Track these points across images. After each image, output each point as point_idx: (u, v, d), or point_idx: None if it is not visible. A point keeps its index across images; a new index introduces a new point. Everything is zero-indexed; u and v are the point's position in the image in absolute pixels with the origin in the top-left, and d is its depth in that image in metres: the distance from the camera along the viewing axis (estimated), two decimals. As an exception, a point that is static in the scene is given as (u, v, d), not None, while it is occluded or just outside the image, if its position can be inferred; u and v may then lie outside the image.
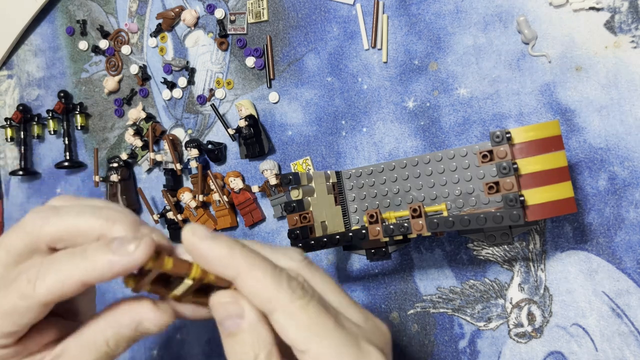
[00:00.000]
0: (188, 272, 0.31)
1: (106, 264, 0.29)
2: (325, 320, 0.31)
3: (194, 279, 0.31)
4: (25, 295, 0.30)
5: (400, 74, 0.56)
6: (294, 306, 0.31)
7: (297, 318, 0.31)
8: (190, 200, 0.64)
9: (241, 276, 0.31)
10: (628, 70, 0.47)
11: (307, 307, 0.31)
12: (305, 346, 0.30)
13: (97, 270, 0.29)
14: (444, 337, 0.53)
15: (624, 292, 0.47)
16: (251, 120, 0.60)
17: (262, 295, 0.31)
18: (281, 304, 0.31)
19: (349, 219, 0.54)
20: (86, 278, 0.30)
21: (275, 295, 0.31)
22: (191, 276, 0.31)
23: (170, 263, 0.30)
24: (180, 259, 0.31)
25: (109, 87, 0.71)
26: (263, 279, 0.31)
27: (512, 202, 0.41)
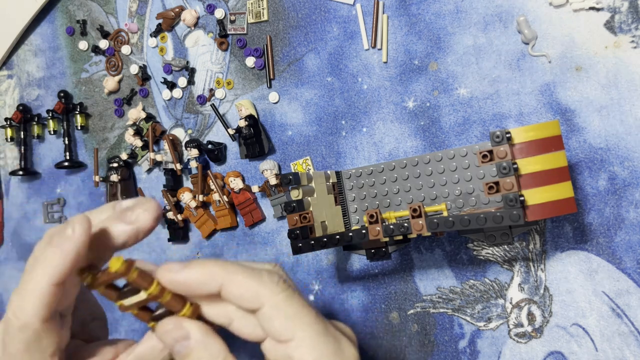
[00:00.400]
0: (147, 286, 0.33)
1: (56, 257, 0.31)
2: (307, 311, 0.34)
3: (149, 295, 0.33)
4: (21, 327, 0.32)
5: (400, 74, 0.56)
6: (279, 298, 0.33)
7: (283, 309, 0.33)
8: (190, 200, 0.64)
9: (224, 286, 0.33)
10: (628, 70, 0.47)
11: (291, 299, 0.34)
12: (290, 334, 0.33)
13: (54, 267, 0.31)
14: (444, 337, 0.53)
15: (624, 292, 0.47)
16: (251, 120, 0.60)
17: (248, 296, 0.33)
18: (267, 297, 0.33)
19: (349, 219, 0.54)
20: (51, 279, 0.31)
21: (260, 291, 0.33)
22: (148, 291, 0.33)
23: (135, 274, 0.32)
24: (146, 272, 0.33)
25: (109, 87, 0.71)
26: (244, 281, 0.33)
27: (512, 202, 0.41)
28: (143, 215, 0.34)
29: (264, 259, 0.62)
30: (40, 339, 0.32)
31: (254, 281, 0.33)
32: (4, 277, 0.80)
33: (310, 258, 0.60)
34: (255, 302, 0.33)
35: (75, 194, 0.75)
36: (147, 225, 0.34)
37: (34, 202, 0.78)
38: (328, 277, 0.59)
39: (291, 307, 0.33)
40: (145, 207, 0.34)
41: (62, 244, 0.31)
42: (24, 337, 0.32)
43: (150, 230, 0.34)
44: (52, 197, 0.77)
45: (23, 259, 0.79)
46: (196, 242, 0.67)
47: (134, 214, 0.34)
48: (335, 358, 0.34)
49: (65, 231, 0.31)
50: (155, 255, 0.69)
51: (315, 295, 0.60)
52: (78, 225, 0.31)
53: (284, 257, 0.61)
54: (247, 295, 0.33)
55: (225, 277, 0.33)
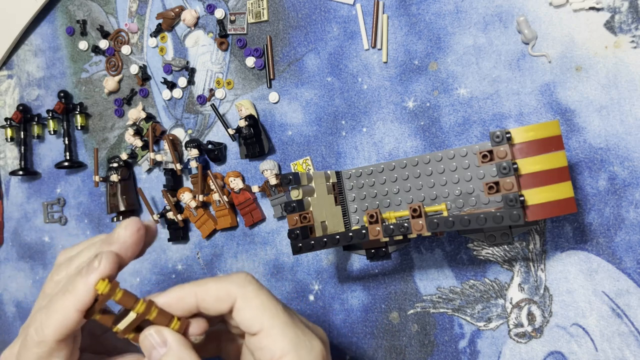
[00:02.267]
0: (134, 305, 0.36)
1: (83, 286, 0.35)
2: (275, 304, 0.37)
3: (138, 313, 0.36)
4: (39, 343, 0.35)
5: (400, 74, 0.56)
6: (248, 290, 0.37)
7: (252, 300, 0.37)
8: (190, 200, 0.64)
9: (198, 296, 0.37)
10: (628, 70, 0.47)
11: (259, 292, 0.37)
12: (259, 325, 0.36)
13: (81, 296, 0.35)
14: (444, 337, 0.53)
15: (624, 292, 0.47)
16: (251, 120, 0.60)
17: (221, 295, 0.37)
18: (239, 291, 0.37)
19: (349, 219, 0.54)
20: (76, 306, 0.35)
21: (231, 287, 0.37)
22: (135, 310, 0.36)
23: (120, 294, 0.35)
24: (130, 293, 0.36)
25: (109, 87, 0.71)
26: (216, 284, 0.37)
27: (512, 202, 0.41)
28: (123, 232, 0.38)
29: (264, 259, 0.62)
30: (51, 357, 0.36)
31: (224, 282, 0.37)
32: (4, 277, 0.80)
33: (310, 258, 0.60)
34: (229, 300, 0.37)
35: (75, 194, 0.75)
36: (130, 239, 0.38)
37: (34, 202, 0.78)
38: (328, 277, 0.59)
39: (259, 298, 0.37)
40: (124, 225, 0.38)
41: (89, 274, 0.35)
42: (37, 352, 0.35)
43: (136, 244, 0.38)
44: (52, 197, 0.77)
45: (23, 259, 0.79)
46: (196, 242, 0.67)
47: (115, 234, 0.38)
48: (301, 349, 0.36)
49: (93, 264, 0.35)
50: (156, 255, 0.69)
51: (315, 295, 0.60)
52: (105, 259, 0.35)
53: (284, 257, 0.61)
54: (220, 295, 0.37)
55: (197, 289, 0.37)
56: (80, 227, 0.74)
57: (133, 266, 0.70)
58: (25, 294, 0.78)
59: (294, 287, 0.61)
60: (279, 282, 0.61)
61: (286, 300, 0.61)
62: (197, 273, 0.66)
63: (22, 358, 0.36)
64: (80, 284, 0.35)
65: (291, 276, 0.61)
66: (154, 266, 0.69)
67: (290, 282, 0.61)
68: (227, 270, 0.64)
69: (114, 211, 0.69)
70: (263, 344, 0.37)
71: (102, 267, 0.35)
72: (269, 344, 0.36)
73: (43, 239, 0.77)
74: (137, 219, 0.39)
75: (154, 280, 0.69)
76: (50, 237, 0.77)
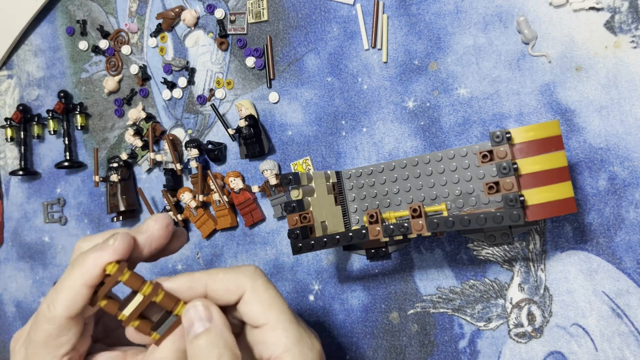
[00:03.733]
0: (141, 286, 0.36)
1: (93, 261, 0.35)
2: (281, 301, 0.38)
3: (144, 295, 0.36)
4: (49, 318, 0.35)
5: (400, 74, 0.56)
6: (257, 284, 0.37)
7: (261, 294, 0.37)
8: (190, 200, 0.64)
9: (208, 285, 0.37)
10: (628, 70, 0.47)
11: (268, 287, 0.38)
12: (264, 319, 0.37)
13: (89, 270, 0.35)
14: (444, 337, 0.53)
15: (624, 292, 0.47)
16: (251, 120, 0.60)
17: (231, 286, 0.37)
18: (248, 284, 0.37)
19: (349, 219, 0.54)
20: (84, 280, 0.35)
21: (242, 279, 0.37)
22: (142, 291, 0.35)
23: (128, 275, 0.35)
24: (137, 274, 0.36)
25: (109, 87, 0.71)
26: (225, 275, 0.38)
27: (512, 202, 0.41)
28: (153, 224, 0.38)
29: (264, 259, 0.62)
30: (60, 335, 0.35)
31: (234, 273, 0.38)
32: (4, 277, 0.80)
33: (310, 258, 0.60)
34: (238, 291, 0.37)
35: (75, 194, 0.75)
36: (157, 232, 0.38)
37: (34, 202, 0.78)
38: (328, 277, 0.59)
39: (267, 293, 0.37)
40: (155, 218, 0.38)
41: (102, 250, 0.35)
42: (47, 329, 0.35)
43: (163, 237, 0.38)
44: (52, 197, 0.77)
45: (23, 259, 0.79)
46: (196, 242, 0.67)
47: (145, 225, 0.38)
48: (303, 346, 0.37)
49: (108, 241, 0.35)
50: (155, 255, 0.69)
51: (315, 295, 0.60)
52: (120, 238, 0.35)
53: (284, 257, 0.61)
54: (230, 286, 0.37)
55: (207, 278, 0.37)
56: (80, 227, 0.74)
57: (133, 266, 0.70)
58: (25, 294, 0.78)
59: (294, 287, 0.61)
60: (279, 282, 0.61)
61: (286, 300, 0.61)
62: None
63: (32, 334, 0.36)
64: (90, 259, 0.35)
65: (291, 276, 0.61)
66: (154, 266, 0.69)
67: (290, 282, 0.61)
68: (227, 270, 0.64)
69: (114, 211, 0.69)
70: (266, 338, 0.37)
71: (115, 245, 0.35)
72: (272, 339, 0.36)
73: (43, 239, 0.77)
74: (168, 215, 0.39)
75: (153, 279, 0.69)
76: (50, 237, 0.77)
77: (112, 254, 0.35)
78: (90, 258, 0.35)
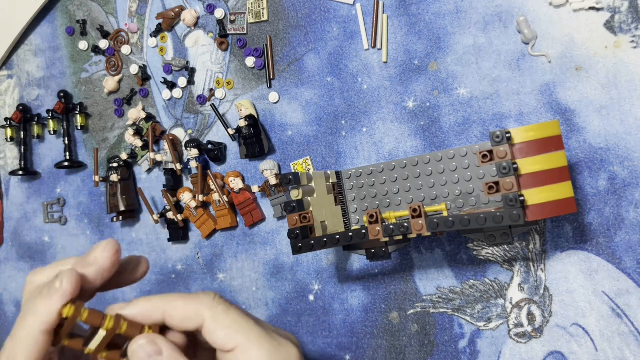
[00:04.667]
0: (102, 322, 0.35)
1: (46, 308, 0.34)
2: (246, 320, 0.37)
3: (107, 330, 0.35)
4: None
5: (400, 74, 0.56)
6: (217, 312, 0.37)
7: (223, 320, 0.36)
8: (190, 200, 0.64)
9: (167, 312, 0.37)
10: (628, 70, 0.47)
11: (228, 311, 0.37)
12: (233, 342, 0.36)
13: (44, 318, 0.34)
14: (444, 337, 0.53)
15: (624, 292, 0.47)
16: (251, 120, 0.60)
17: (189, 315, 0.37)
18: (207, 313, 0.36)
19: (349, 219, 0.54)
20: (41, 328, 0.34)
21: (200, 308, 0.37)
22: (105, 327, 0.35)
23: (86, 314, 0.35)
24: (96, 311, 0.35)
25: (109, 87, 0.71)
26: (184, 303, 0.37)
27: (512, 202, 0.41)
28: (100, 254, 0.37)
29: (264, 259, 0.62)
30: None
31: (193, 302, 0.37)
32: (4, 277, 0.80)
33: (310, 258, 0.60)
34: (197, 320, 0.36)
35: (75, 194, 0.75)
36: (106, 262, 0.37)
37: (34, 202, 0.78)
38: (328, 277, 0.59)
39: (229, 317, 0.37)
40: (102, 246, 0.37)
41: (51, 296, 0.34)
42: None
43: (114, 266, 0.38)
44: (52, 197, 0.77)
45: (23, 259, 0.79)
46: (196, 242, 0.67)
47: (92, 255, 0.37)
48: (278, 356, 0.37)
49: (54, 284, 0.34)
50: (156, 255, 0.69)
51: (315, 295, 0.60)
52: (67, 280, 0.35)
53: (284, 257, 0.61)
54: (189, 315, 0.36)
55: (166, 305, 0.37)
56: (80, 227, 0.74)
57: (133, 266, 0.70)
58: (25, 294, 0.78)
59: (294, 287, 0.61)
60: (279, 282, 0.61)
61: (286, 300, 0.61)
62: (197, 273, 0.66)
63: None
64: (42, 307, 0.34)
65: (291, 276, 0.61)
66: (154, 266, 0.69)
67: (290, 282, 0.61)
68: (227, 270, 0.64)
69: (114, 211, 0.69)
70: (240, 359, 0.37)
71: (63, 289, 0.34)
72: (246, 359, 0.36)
73: (43, 239, 0.77)
74: (115, 241, 0.38)
75: (154, 280, 0.69)
76: (50, 237, 0.77)
77: (62, 298, 0.34)
78: (42, 306, 0.34)
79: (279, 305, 0.61)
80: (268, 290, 0.62)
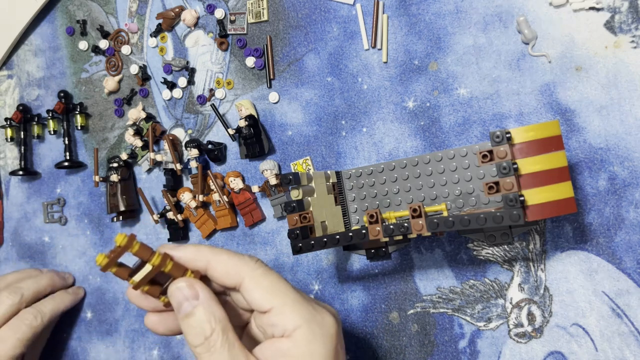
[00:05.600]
0: (150, 257, 0.37)
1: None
2: (284, 284, 0.39)
3: (153, 266, 0.37)
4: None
5: (400, 74, 0.56)
6: (257, 273, 0.38)
7: (261, 282, 0.38)
8: (190, 200, 0.64)
9: (211, 263, 0.39)
10: (628, 70, 0.47)
11: (267, 274, 0.39)
12: (269, 304, 0.37)
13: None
14: (444, 337, 0.53)
15: (624, 292, 0.47)
16: (251, 120, 0.60)
17: (230, 271, 0.38)
18: (247, 272, 0.38)
19: (349, 219, 0.54)
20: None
21: (242, 267, 0.38)
22: (152, 262, 0.37)
23: (137, 246, 0.37)
24: (146, 245, 0.37)
25: (109, 87, 0.71)
26: (228, 259, 0.39)
27: (512, 202, 0.41)
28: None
29: (264, 259, 0.62)
30: None
31: (236, 259, 0.39)
32: (4, 277, 0.80)
33: (310, 258, 0.60)
34: (237, 277, 0.38)
35: (75, 194, 0.75)
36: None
37: (34, 202, 0.78)
38: (328, 277, 0.59)
39: (267, 279, 0.38)
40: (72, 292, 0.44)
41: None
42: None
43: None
44: (52, 197, 0.77)
45: (23, 259, 0.79)
46: (196, 242, 0.67)
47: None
48: (313, 323, 0.37)
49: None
50: (155, 255, 0.69)
51: (315, 295, 0.60)
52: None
53: (284, 257, 0.61)
54: (230, 270, 0.38)
55: (212, 256, 0.39)
56: (80, 227, 0.74)
57: (133, 266, 0.70)
58: (25, 294, 0.78)
59: (294, 287, 0.61)
60: (279, 282, 0.61)
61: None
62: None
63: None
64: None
65: (291, 276, 0.61)
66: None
67: (290, 282, 0.61)
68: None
69: (114, 211, 0.69)
70: (274, 321, 0.38)
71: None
72: (281, 320, 0.37)
73: (43, 239, 0.77)
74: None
75: (154, 280, 0.69)
76: (50, 237, 0.77)
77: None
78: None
79: (279, 305, 0.61)
80: (268, 290, 0.62)
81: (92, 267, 0.73)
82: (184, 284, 0.38)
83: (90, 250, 0.73)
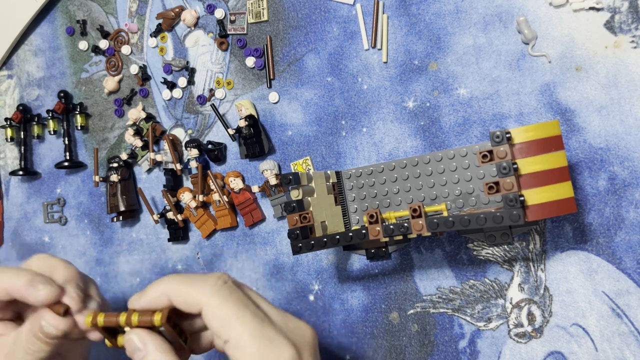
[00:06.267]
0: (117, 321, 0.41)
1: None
2: (242, 312, 0.38)
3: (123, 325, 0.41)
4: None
5: (400, 74, 0.56)
6: (214, 302, 0.38)
7: (218, 311, 0.38)
8: (190, 200, 0.64)
9: (171, 297, 0.39)
10: (628, 70, 0.47)
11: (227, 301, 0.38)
12: (226, 335, 0.37)
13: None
14: (444, 337, 0.53)
15: (624, 292, 0.47)
16: (251, 120, 0.60)
17: (189, 301, 0.39)
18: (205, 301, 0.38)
19: (349, 219, 0.54)
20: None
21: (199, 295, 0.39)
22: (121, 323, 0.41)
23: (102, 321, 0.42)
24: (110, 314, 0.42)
25: (109, 87, 0.71)
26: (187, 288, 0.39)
27: (512, 202, 0.41)
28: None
29: (264, 259, 0.62)
30: None
31: (196, 287, 0.39)
32: (4, 277, 0.80)
33: (310, 258, 0.60)
34: (196, 306, 0.39)
35: (75, 194, 0.75)
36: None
37: (34, 202, 0.78)
38: (328, 277, 0.59)
39: (225, 307, 0.38)
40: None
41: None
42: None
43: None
44: (52, 197, 0.77)
45: (23, 259, 0.78)
46: (196, 242, 0.67)
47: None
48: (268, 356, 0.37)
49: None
50: (156, 255, 0.69)
51: (315, 295, 0.60)
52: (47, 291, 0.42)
53: (284, 257, 0.61)
54: (189, 301, 0.39)
55: (170, 290, 0.40)
56: (80, 227, 0.74)
57: (133, 266, 0.70)
58: (25, 294, 0.78)
59: (294, 287, 0.61)
60: (279, 282, 0.61)
61: (286, 300, 0.61)
62: (197, 273, 0.66)
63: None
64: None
65: (291, 276, 0.61)
66: (154, 266, 0.69)
67: (290, 282, 0.61)
68: (227, 270, 0.64)
69: (114, 211, 0.69)
70: (231, 353, 0.38)
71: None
72: (237, 355, 0.37)
73: (43, 239, 0.77)
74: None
75: (154, 280, 0.69)
76: (50, 237, 0.77)
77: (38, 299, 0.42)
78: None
79: (279, 306, 0.61)
80: (268, 290, 0.62)
81: (92, 267, 0.73)
82: (133, 336, 0.40)
83: (90, 250, 0.73)
